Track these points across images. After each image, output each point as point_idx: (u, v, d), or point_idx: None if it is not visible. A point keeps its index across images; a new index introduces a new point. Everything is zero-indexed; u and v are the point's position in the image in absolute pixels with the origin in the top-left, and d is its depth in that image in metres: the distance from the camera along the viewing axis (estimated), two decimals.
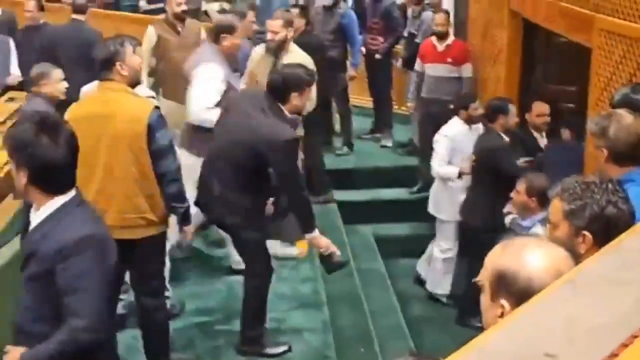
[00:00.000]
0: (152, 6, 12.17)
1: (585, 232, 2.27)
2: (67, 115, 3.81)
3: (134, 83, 3.94)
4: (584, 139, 4.66)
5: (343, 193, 7.39)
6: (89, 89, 4.60)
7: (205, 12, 11.29)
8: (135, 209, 3.80)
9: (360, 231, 7.27)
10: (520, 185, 4.68)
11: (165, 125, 3.86)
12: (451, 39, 7.09)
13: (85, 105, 3.94)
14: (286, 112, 4.25)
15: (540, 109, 5.79)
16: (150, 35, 6.35)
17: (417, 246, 6.99)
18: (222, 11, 11.19)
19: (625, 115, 2.97)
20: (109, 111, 3.75)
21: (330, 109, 7.94)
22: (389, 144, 8.39)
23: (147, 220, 3.86)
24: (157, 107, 3.88)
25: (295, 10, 6.74)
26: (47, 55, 6.42)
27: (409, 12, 8.45)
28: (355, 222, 7.25)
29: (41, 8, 8.07)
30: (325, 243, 4.34)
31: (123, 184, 3.76)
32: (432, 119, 7.01)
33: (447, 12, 7.32)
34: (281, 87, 4.25)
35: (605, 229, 2.23)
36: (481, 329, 1.51)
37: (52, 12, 9.61)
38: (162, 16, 7.03)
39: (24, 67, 7.26)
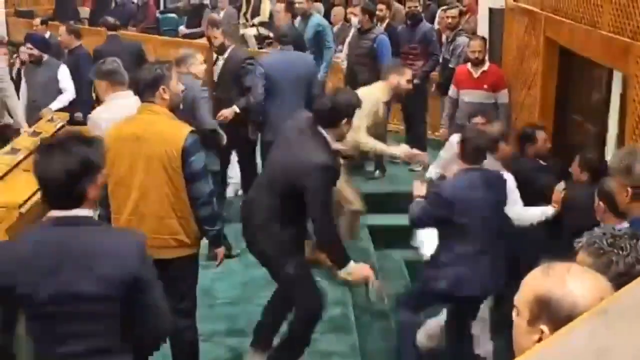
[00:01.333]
0: (190, 30, 12.40)
1: None
2: (107, 135, 3.90)
3: (174, 107, 4.01)
4: None
5: (374, 217, 7.37)
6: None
7: (243, 37, 11.43)
8: (167, 230, 3.89)
9: (391, 256, 7.23)
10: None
11: (200, 150, 3.91)
12: (487, 65, 7.08)
13: (124, 126, 4.00)
14: (330, 139, 4.15)
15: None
16: None
17: None
18: (259, 37, 11.36)
19: None
20: (147, 133, 3.84)
21: None
22: (419, 168, 8.37)
23: (179, 242, 3.94)
24: (193, 132, 3.91)
25: None
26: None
27: (443, 37, 8.46)
28: (387, 247, 7.23)
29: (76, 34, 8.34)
30: (366, 273, 4.21)
31: (156, 204, 3.85)
32: None
33: (483, 39, 7.31)
34: (331, 113, 4.15)
35: None
36: None
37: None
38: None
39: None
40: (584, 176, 4.63)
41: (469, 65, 7.10)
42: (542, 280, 1.64)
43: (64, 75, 7.75)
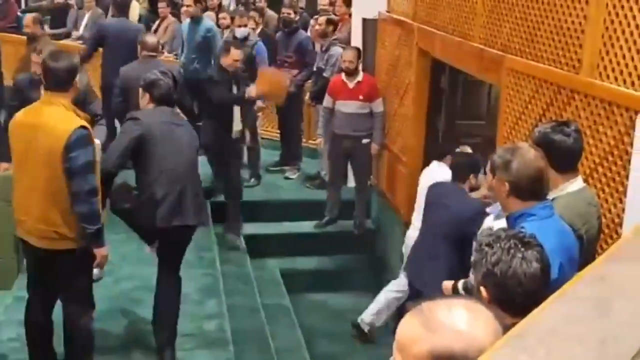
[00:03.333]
0: (54, 31, 11.83)
1: (482, 288, 2.26)
2: (12, 121, 3.98)
3: (80, 100, 4.14)
4: None
5: (250, 226, 7.26)
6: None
7: None
8: (49, 222, 3.90)
9: (266, 265, 7.15)
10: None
11: (86, 145, 3.84)
12: (361, 75, 7.12)
13: (25, 115, 3.99)
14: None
15: None
16: None
17: (323, 280, 6.92)
18: None
19: (528, 150, 2.93)
20: (40, 122, 3.85)
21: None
22: (294, 176, 8.37)
23: (60, 234, 3.92)
24: (83, 127, 3.84)
25: None
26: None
27: (317, 46, 8.46)
28: (262, 256, 7.14)
29: None
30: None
31: (40, 195, 3.90)
32: (345, 154, 7.12)
33: (356, 49, 7.34)
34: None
35: (496, 287, 2.23)
36: None
37: None
38: None
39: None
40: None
41: (343, 75, 7.12)
42: (430, 335, 1.43)
43: None
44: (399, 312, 5.76)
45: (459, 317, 1.43)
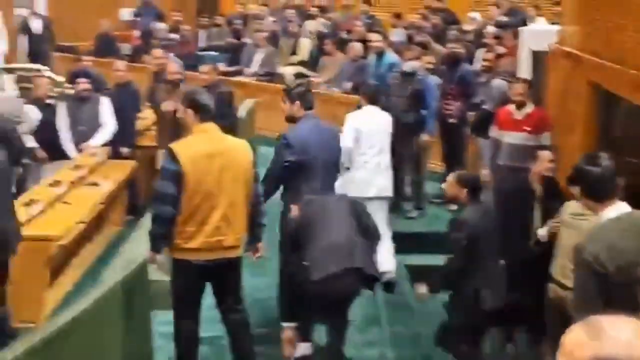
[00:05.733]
0: (229, 68, 12.49)
1: None
2: (184, 155, 4.33)
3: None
4: None
5: (413, 257, 7.31)
6: None
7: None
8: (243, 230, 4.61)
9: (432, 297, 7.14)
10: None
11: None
12: (530, 107, 7.02)
13: (200, 145, 4.43)
14: None
15: None
16: None
17: None
18: (298, 75, 11.47)
19: None
20: (224, 148, 4.44)
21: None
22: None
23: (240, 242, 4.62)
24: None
25: None
26: None
27: (480, 79, 8.46)
28: None
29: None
30: None
31: (240, 208, 4.50)
32: (511, 186, 7.00)
33: (526, 81, 7.26)
34: None
35: None
36: None
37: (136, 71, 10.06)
38: None
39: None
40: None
41: (511, 106, 7.06)
42: (600, 343, 1.57)
43: (105, 109, 7.85)
44: None
45: (624, 328, 1.57)
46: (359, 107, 6.85)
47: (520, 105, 6.98)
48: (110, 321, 4.21)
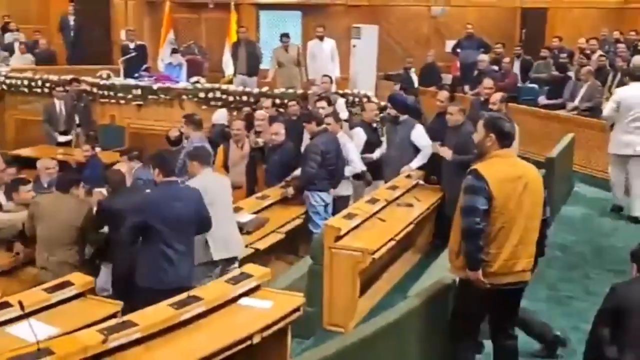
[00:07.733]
0: (549, 102, 12.23)
1: None
2: (489, 176, 4.43)
3: None
4: None
5: None
6: None
7: None
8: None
9: None
10: None
11: None
12: None
13: (503, 168, 4.53)
14: None
15: None
16: None
17: None
18: None
19: None
20: (522, 173, 4.52)
21: None
22: None
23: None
24: None
25: None
26: None
27: None
28: None
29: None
30: None
31: (534, 233, 4.55)
32: None
33: None
34: None
35: None
36: None
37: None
38: None
39: None
40: None
41: None
42: None
43: (418, 134, 8.16)
44: None
45: None
46: None
47: None
48: (409, 338, 4.40)
